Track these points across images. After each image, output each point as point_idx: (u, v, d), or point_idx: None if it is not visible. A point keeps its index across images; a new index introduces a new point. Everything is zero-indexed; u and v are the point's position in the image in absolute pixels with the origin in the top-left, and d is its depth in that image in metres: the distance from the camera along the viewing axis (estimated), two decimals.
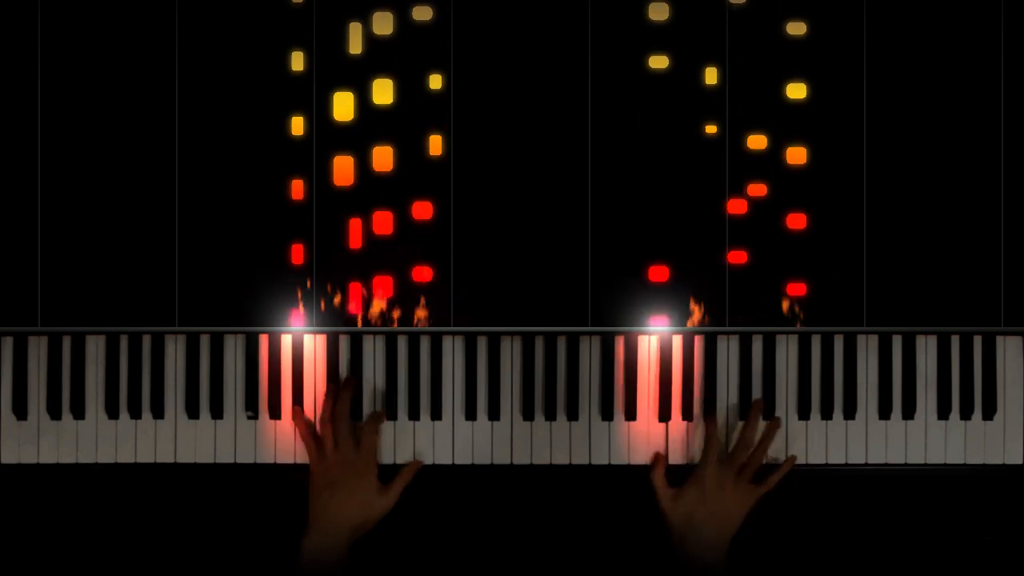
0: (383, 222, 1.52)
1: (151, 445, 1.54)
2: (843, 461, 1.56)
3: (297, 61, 1.52)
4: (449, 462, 1.55)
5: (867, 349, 1.56)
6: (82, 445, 1.54)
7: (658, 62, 1.52)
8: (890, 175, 1.53)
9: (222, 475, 1.55)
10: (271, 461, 1.55)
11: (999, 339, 1.56)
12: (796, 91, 1.52)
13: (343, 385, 1.52)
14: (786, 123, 1.52)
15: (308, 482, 1.48)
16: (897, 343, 1.56)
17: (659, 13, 1.52)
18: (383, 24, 1.51)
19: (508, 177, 1.52)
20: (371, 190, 1.52)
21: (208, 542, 1.67)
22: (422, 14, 1.51)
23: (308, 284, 1.52)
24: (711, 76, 1.52)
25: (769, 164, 1.52)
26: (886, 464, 1.56)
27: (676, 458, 1.55)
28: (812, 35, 1.52)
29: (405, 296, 1.52)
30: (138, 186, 1.51)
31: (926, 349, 1.56)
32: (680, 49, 1.51)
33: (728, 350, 1.56)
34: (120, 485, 1.64)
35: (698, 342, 1.56)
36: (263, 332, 1.54)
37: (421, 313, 1.52)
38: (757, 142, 1.52)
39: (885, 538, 1.68)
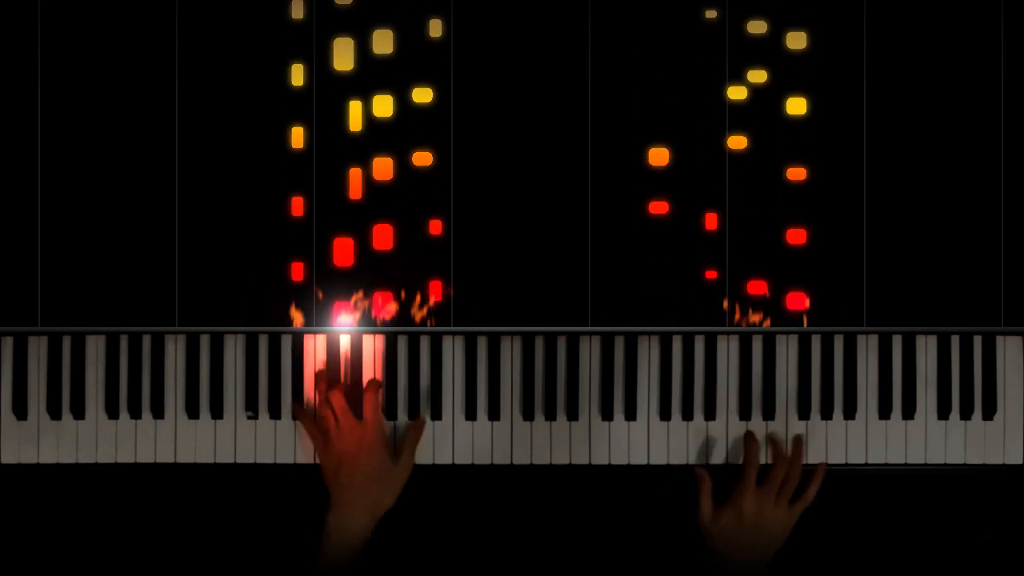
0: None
1: (151, 445, 1.54)
2: (843, 461, 1.56)
3: (297, 206, 1.52)
4: (449, 462, 1.55)
5: (867, 349, 1.56)
6: (82, 445, 1.54)
7: (658, 207, 1.52)
8: (890, 180, 1.54)
9: (222, 475, 1.55)
10: (271, 461, 1.55)
11: (999, 339, 1.56)
12: (797, 236, 1.53)
13: (326, 371, 1.53)
14: (786, 266, 1.53)
15: (321, 476, 1.49)
16: (897, 343, 1.56)
17: (659, 159, 1.52)
18: (383, 170, 1.52)
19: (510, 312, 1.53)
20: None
21: (208, 542, 1.67)
22: (422, 159, 1.51)
23: (309, 275, 1.52)
24: (711, 222, 1.52)
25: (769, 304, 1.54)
26: (886, 464, 1.56)
27: (678, 458, 1.55)
28: (813, 180, 1.52)
29: (405, 296, 1.53)
30: (138, 187, 1.52)
31: (926, 349, 1.56)
32: (680, 194, 1.52)
33: (728, 350, 1.56)
34: (120, 485, 1.64)
35: (699, 342, 1.56)
36: (263, 332, 1.54)
37: (421, 313, 1.53)
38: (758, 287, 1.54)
39: (885, 538, 1.68)
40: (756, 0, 1.52)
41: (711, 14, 1.51)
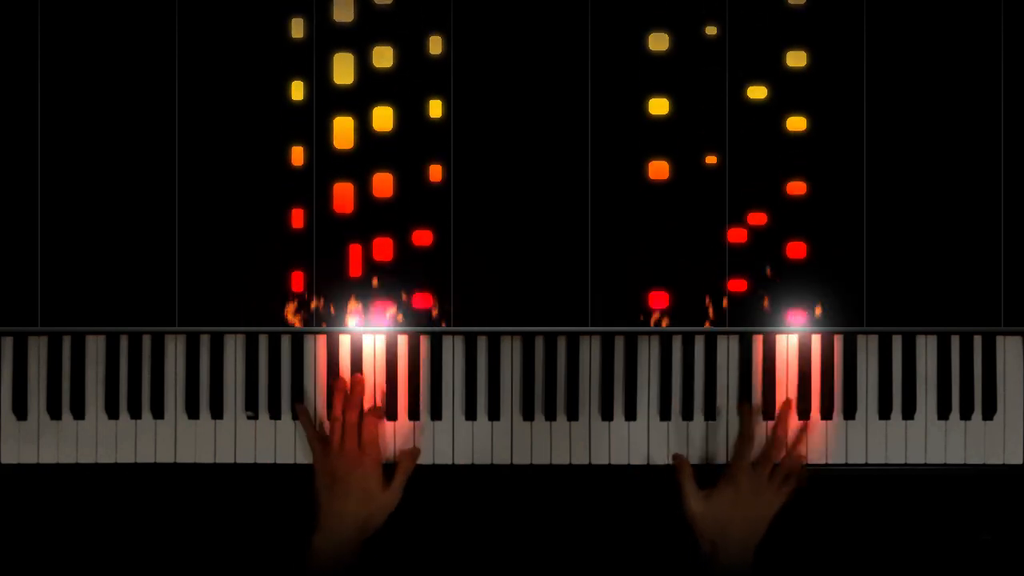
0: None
1: (151, 445, 1.54)
2: (843, 461, 1.56)
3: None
4: (449, 462, 1.55)
5: (867, 349, 1.56)
6: (82, 445, 1.54)
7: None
8: (890, 179, 1.53)
9: (222, 475, 1.55)
10: (271, 461, 1.55)
11: (999, 339, 1.56)
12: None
13: (353, 384, 1.52)
14: (788, 155, 1.53)
15: (313, 481, 1.49)
16: (897, 343, 1.56)
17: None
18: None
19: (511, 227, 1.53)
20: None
21: (208, 542, 1.67)
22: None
23: (308, 276, 1.52)
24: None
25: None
26: (886, 464, 1.56)
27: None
28: (813, 132, 1.53)
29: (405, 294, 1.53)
30: (138, 187, 1.52)
31: (926, 349, 1.56)
32: (682, 145, 1.52)
33: (728, 349, 1.56)
34: (120, 485, 1.63)
35: (699, 342, 1.56)
36: (263, 332, 1.54)
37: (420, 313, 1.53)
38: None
39: (885, 538, 1.68)
40: None
41: None
